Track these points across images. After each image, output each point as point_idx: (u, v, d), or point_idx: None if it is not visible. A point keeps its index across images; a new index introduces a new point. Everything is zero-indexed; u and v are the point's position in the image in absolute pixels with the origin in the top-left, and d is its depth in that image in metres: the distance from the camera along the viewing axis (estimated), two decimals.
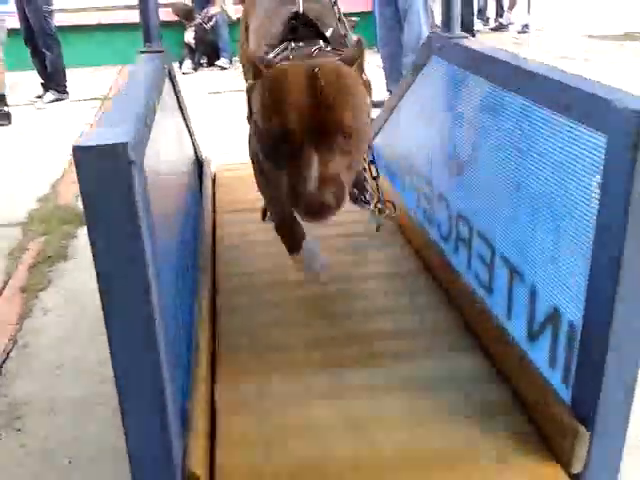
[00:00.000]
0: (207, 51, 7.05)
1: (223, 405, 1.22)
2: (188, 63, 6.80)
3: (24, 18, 5.17)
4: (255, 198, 1.74)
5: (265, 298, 1.60)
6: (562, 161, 1.06)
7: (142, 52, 1.58)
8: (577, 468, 1.05)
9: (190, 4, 6.87)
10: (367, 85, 1.16)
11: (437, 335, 1.44)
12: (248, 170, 1.52)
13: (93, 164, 0.72)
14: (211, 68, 6.99)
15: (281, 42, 1.31)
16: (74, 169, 0.75)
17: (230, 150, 2.86)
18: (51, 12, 5.19)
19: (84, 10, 7.02)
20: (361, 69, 1.15)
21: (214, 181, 2.29)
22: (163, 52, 1.58)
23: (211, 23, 6.94)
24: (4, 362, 2.03)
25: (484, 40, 5.54)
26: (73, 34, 6.61)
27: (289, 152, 1.03)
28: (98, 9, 7.07)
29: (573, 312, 1.06)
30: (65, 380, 1.93)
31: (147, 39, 1.64)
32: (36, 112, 5.39)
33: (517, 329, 1.26)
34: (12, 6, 5.23)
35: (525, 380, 1.20)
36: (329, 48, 1.23)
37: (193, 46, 6.87)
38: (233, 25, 7.00)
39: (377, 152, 1.85)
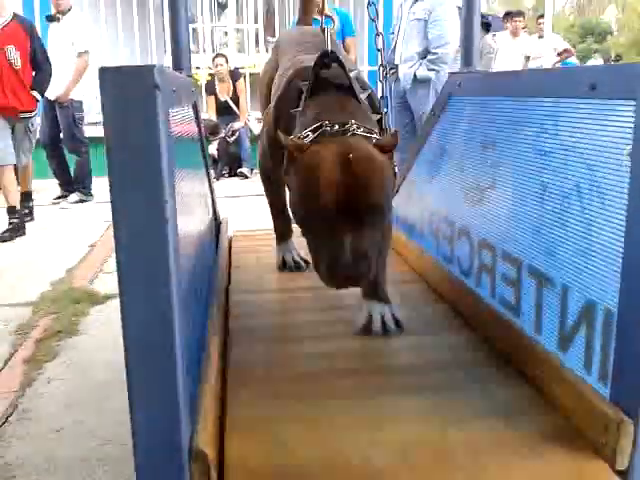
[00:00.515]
0: (229, 162, 7.36)
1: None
2: (211, 173, 7.07)
3: (50, 124, 5.44)
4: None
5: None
6: (589, 146, 1.06)
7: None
8: (622, 464, 0.95)
9: (215, 119, 7.26)
10: (394, 173, 1.25)
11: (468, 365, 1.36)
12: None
13: (118, 86, 0.71)
14: (232, 178, 7.25)
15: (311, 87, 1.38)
16: (90, 257, 0.75)
17: None
18: (82, 118, 5.49)
19: None
20: (392, 157, 1.23)
21: (230, 243, 2.30)
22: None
23: (234, 137, 7.29)
24: (2, 425, 1.96)
25: None
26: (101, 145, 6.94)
27: (324, 230, 1.12)
28: None
29: (608, 300, 1.01)
30: (64, 443, 1.86)
31: (176, 66, 1.68)
32: (60, 211, 5.56)
33: (549, 338, 1.20)
34: None
35: (561, 387, 1.11)
36: (361, 130, 1.25)
37: (216, 157, 7.17)
38: (254, 139, 7.36)
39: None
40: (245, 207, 5.19)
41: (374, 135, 1.26)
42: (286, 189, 1.45)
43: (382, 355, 1.40)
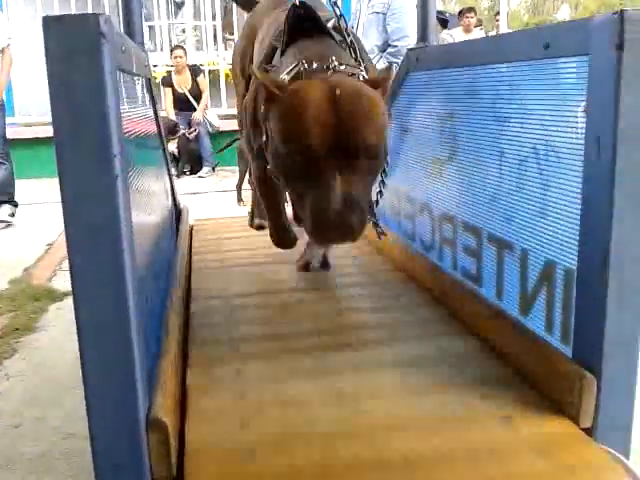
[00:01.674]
0: (190, 160, 7.27)
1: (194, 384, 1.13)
2: (172, 170, 6.98)
3: None
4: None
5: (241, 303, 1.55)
6: (545, 107, 1.06)
7: None
8: (587, 421, 0.95)
9: (173, 118, 7.16)
10: (389, 114, 1.13)
11: (425, 324, 1.37)
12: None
13: (62, 36, 0.69)
14: (193, 176, 7.17)
15: (286, 40, 1.29)
16: (48, 255, 0.73)
17: None
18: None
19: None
20: (384, 94, 1.10)
21: (191, 231, 2.27)
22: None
23: (195, 133, 7.21)
24: None
25: None
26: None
27: (311, 175, 0.99)
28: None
29: (568, 260, 1.02)
30: (23, 439, 1.81)
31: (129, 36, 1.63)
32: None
33: (510, 303, 1.20)
34: None
35: (523, 350, 1.12)
36: (343, 67, 1.15)
37: (177, 155, 7.08)
38: (215, 135, 7.29)
39: None
40: (207, 203, 5.14)
41: (360, 72, 1.16)
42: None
43: (350, 329, 1.39)
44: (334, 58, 1.15)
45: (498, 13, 8.76)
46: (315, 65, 1.13)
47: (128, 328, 0.78)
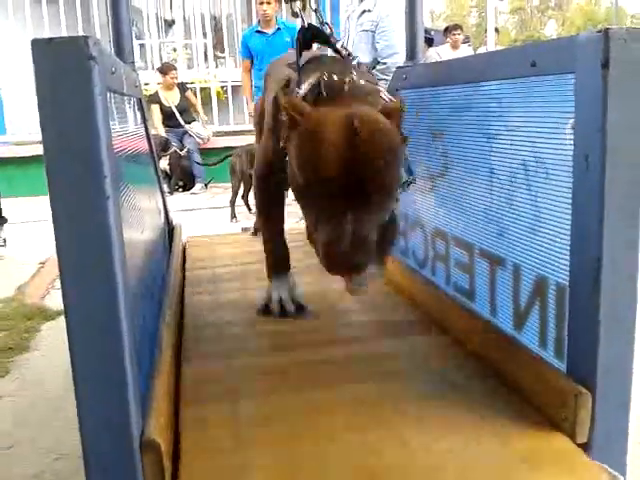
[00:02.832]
0: (182, 176, 7.28)
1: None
2: (164, 187, 6.99)
3: None
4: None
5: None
6: (533, 124, 1.07)
7: None
8: (582, 437, 0.95)
9: (163, 134, 7.18)
10: (404, 139, 1.11)
11: (416, 338, 1.37)
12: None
13: (51, 59, 0.69)
14: (185, 193, 7.17)
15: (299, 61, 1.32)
16: (41, 274, 0.73)
17: None
18: None
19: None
20: (399, 123, 1.08)
21: (184, 248, 2.27)
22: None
23: (185, 150, 7.23)
24: None
25: None
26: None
27: (325, 206, 1.01)
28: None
29: (559, 275, 1.02)
30: (15, 460, 1.80)
31: (119, 56, 1.64)
32: (5, 231, 5.39)
33: (504, 318, 1.20)
34: None
35: (517, 366, 1.12)
36: (362, 81, 1.17)
37: (168, 172, 7.09)
38: (205, 151, 7.31)
39: None
40: (200, 220, 5.13)
41: (380, 88, 1.16)
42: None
43: (334, 343, 1.39)
44: (353, 72, 1.17)
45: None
46: (335, 77, 1.15)
47: (121, 348, 0.78)
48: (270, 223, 1.61)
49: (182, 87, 7.53)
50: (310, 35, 1.40)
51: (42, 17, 7.45)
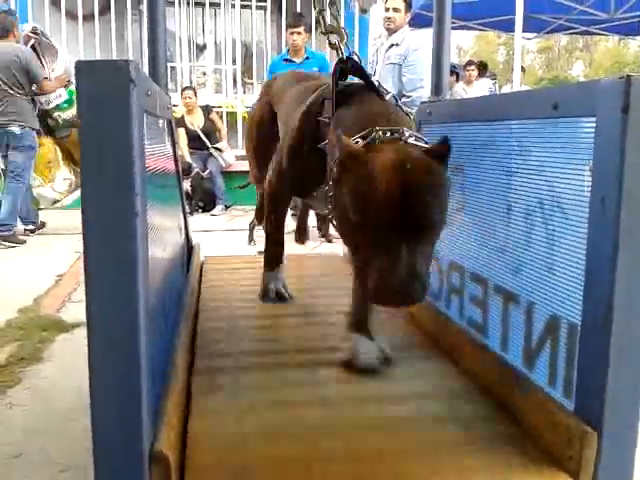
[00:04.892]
0: (204, 198, 7.34)
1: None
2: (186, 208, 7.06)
3: None
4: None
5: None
6: (552, 164, 1.09)
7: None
8: (586, 477, 0.95)
9: (187, 159, 7.27)
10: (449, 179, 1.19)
11: (423, 372, 1.38)
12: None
13: (94, 80, 0.73)
14: (205, 214, 7.24)
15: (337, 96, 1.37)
16: (58, 287, 0.77)
17: None
18: None
19: None
20: (445, 164, 1.15)
21: (202, 267, 2.30)
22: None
23: (207, 170, 7.32)
24: None
25: None
26: None
27: (379, 244, 1.06)
28: None
29: (572, 315, 1.03)
30: (22, 470, 1.81)
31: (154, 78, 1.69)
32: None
33: (514, 354, 1.21)
34: None
35: (524, 402, 1.12)
36: (412, 138, 1.21)
37: (190, 192, 7.17)
38: (228, 174, 7.38)
39: None
40: (218, 241, 5.17)
41: (425, 142, 1.21)
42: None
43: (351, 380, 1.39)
44: (404, 129, 1.21)
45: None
46: (387, 134, 1.19)
47: (138, 363, 0.80)
48: (275, 231, 1.88)
49: (206, 109, 7.60)
50: (347, 67, 1.45)
51: (77, 36, 7.66)
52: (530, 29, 9.70)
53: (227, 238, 5.60)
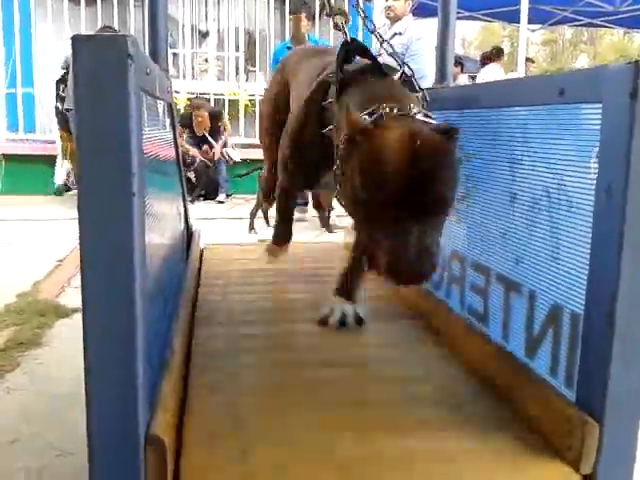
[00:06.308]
0: (207, 186, 7.32)
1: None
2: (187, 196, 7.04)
3: None
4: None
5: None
6: (558, 151, 1.07)
7: None
8: (587, 467, 0.94)
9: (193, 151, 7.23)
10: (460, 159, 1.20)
11: (427, 362, 1.37)
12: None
13: (91, 55, 0.71)
14: (208, 202, 7.22)
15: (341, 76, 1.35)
16: (57, 272, 0.76)
17: None
18: None
19: None
20: (455, 143, 1.13)
21: (202, 254, 2.29)
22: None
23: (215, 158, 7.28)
24: None
25: None
26: None
27: (389, 221, 1.04)
28: None
29: (575, 304, 1.02)
30: (18, 454, 1.80)
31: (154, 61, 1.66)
32: (24, 227, 5.49)
33: (516, 344, 1.20)
34: None
35: (526, 392, 1.11)
36: (420, 115, 1.18)
37: (194, 181, 7.15)
38: (232, 166, 7.36)
39: None
40: (218, 229, 5.16)
41: (433, 119, 1.19)
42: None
43: (355, 363, 1.39)
44: (412, 105, 1.18)
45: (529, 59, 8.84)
46: (396, 111, 1.16)
47: (134, 345, 0.79)
48: (287, 210, 1.89)
49: (213, 116, 7.49)
50: (352, 49, 1.42)
51: (79, 20, 7.62)
52: (535, 21, 9.65)
53: (228, 226, 5.59)
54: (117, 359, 0.78)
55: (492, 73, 7.87)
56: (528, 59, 8.51)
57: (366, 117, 1.15)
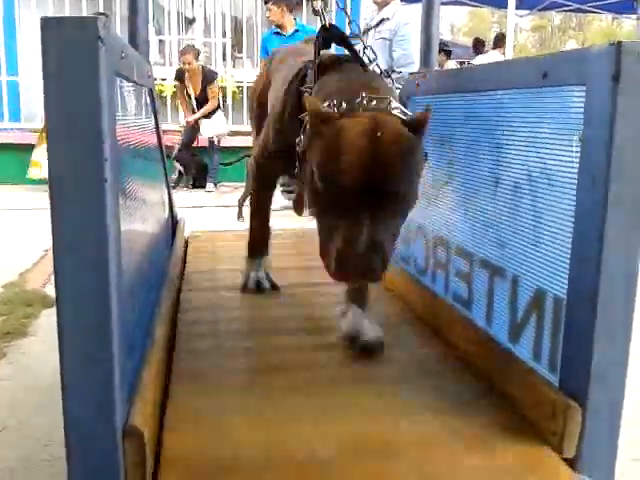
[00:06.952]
0: (195, 173, 7.21)
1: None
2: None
3: None
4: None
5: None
6: (541, 134, 1.07)
7: None
8: (570, 451, 0.94)
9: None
10: (426, 155, 1.15)
11: (409, 344, 1.37)
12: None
13: (59, 37, 0.69)
14: (196, 190, 7.16)
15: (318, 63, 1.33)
16: (44, 261, 0.74)
17: None
18: None
19: None
20: (422, 137, 1.10)
21: (187, 243, 2.27)
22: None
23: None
24: None
25: None
26: None
27: (342, 213, 1.02)
28: None
29: (557, 289, 1.01)
30: (5, 443, 1.79)
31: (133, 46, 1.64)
32: (11, 216, 5.44)
33: (499, 329, 1.20)
34: None
35: (509, 376, 1.11)
36: (394, 105, 1.15)
37: (182, 171, 7.07)
38: (219, 151, 7.29)
39: None
40: (206, 217, 5.13)
41: (405, 113, 1.15)
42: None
43: (333, 348, 1.38)
44: (384, 98, 1.15)
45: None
46: (373, 102, 1.13)
47: (110, 333, 0.77)
48: (260, 211, 1.75)
49: (207, 76, 7.17)
50: (330, 35, 1.41)
51: (64, 6, 7.53)
52: (523, 6, 9.62)
53: (216, 214, 5.56)
54: (91, 350, 0.77)
55: (494, 60, 7.84)
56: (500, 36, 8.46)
57: (334, 106, 1.12)
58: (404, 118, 1.11)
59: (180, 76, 7.12)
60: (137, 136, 1.20)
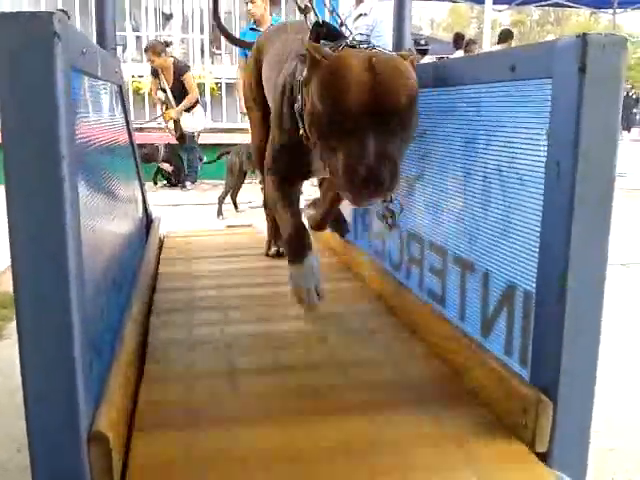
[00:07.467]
0: (177, 169, 7.10)
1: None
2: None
3: None
4: None
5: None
6: (509, 128, 1.07)
7: None
8: (542, 445, 0.94)
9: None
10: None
11: (386, 346, 1.36)
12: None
13: (13, 33, 0.67)
14: (173, 188, 7.09)
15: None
16: None
17: None
18: None
19: None
20: (414, 68, 1.15)
21: (161, 242, 2.24)
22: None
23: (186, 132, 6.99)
24: None
25: None
26: None
27: (347, 132, 1.04)
28: None
29: (527, 283, 1.01)
30: None
31: (100, 43, 1.62)
32: None
33: (472, 323, 1.20)
34: None
35: (480, 371, 1.11)
36: (381, 48, 1.22)
37: (170, 170, 6.99)
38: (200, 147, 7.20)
39: None
40: (186, 216, 5.09)
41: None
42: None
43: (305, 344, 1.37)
44: (375, 45, 1.21)
45: (472, 41, 8.80)
46: (362, 46, 1.20)
47: (71, 337, 0.76)
48: (290, 204, 1.45)
49: (179, 69, 6.95)
50: (323, 31, 1.39)
51: (39, 7, 7.41)
52: (501, 1, 9.66)
53: (196, 212, 5.52)
54: (52, 353, 0.75)
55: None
56: (471, 40, 8.50)
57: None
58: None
59: (155, 71, 7.00)
60: (103, 133, 1.17)
